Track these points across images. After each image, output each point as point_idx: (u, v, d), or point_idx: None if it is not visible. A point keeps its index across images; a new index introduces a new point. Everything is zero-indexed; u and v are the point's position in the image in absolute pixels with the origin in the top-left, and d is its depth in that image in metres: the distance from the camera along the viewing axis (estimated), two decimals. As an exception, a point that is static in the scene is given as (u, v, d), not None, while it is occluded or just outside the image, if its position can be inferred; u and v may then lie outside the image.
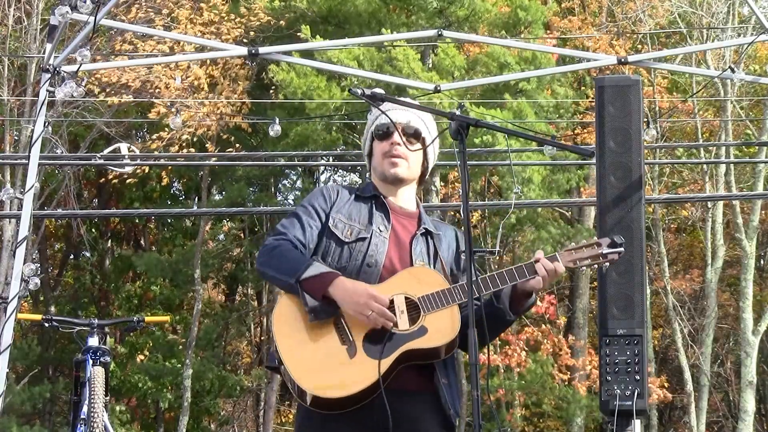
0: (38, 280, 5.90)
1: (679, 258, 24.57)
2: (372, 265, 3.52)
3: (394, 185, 3.68)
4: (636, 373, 5.13)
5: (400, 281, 3.48)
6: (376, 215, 3.62)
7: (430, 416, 3.47)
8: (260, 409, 24.37)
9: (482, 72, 17.30)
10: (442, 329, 3.40)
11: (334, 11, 18.64)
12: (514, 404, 20.12)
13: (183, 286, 22.13)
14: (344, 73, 14.59)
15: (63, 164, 16.57)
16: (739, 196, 19.70)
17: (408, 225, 3.66)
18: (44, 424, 21.29)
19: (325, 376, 3.39)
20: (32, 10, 18.64)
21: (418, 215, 3.71)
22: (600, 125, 5.39)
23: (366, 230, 3.58)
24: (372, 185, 3.72)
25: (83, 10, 5.85)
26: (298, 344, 3.44)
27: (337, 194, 3.67)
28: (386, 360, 3.36)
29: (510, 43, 15.28)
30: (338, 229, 3.58)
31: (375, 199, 3.67)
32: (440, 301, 3.43)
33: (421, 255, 3.59)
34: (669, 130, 21.94)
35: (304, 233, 3.58)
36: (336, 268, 3.51)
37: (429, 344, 3.40)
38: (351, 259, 3.54)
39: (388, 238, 3.58)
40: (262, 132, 20.86)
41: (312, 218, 3.61)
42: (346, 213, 3.62)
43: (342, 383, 3.37)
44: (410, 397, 3.45)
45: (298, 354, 3.43)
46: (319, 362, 3.40)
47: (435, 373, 3.48)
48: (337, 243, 3.57)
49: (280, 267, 3.50)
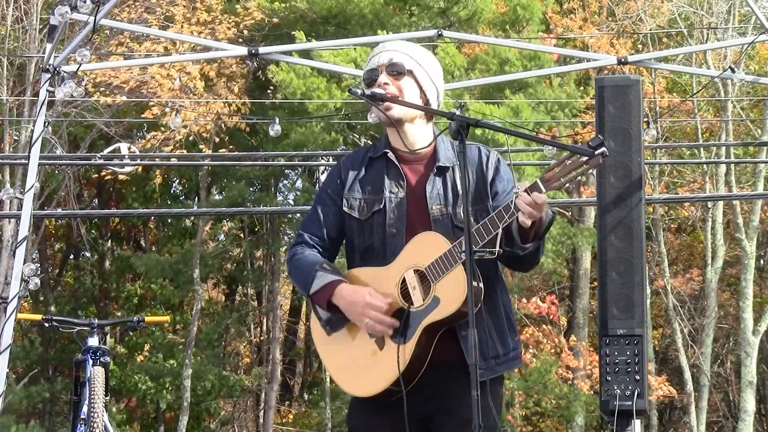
0: (38, 280, 5.89)
1: (679, 258, 24.57)
2: (393, 234, 3.50)
3: (399, 126, 3.57)
4: (636, 373, 5.13)
5: (409, 253, 3.44)
6: (387, 179, 3.56)
7: (458, 381, 3.41)
8: (260, 409, 24.36)
9: (482, 69, 17.29)
10: (452, 295, 3.36)
11: (334, 12, 18.63)
12: (514, 404, 20.13)
13: (183, 286, 22.12)
14: (344, 72, 14.57)
15: (63, 164, 16.58)
16: (739, 196, 19.71)
17: (420, 168, 3.58)
18: (44, 423, 21.29)
19: (361, 374, 3.47)
20: (31, 10, 18.63)
21: (432, 153, 3.59)
22: (600, 125, 5.38)
23: (379, 200, 3.54)
24: (384, 139, 3.66)
25: (83, 10, 5.84)
26: (334, 347, 3.54)
27: (347, 171, 3.62)
28: (410, 342, 3.37)
29: (510, 43, 15.28)
30: (354, 209, 3.57)
31: (385, 157, 3.60)
32: (444, 265, 3.38)
33: (438, 197, 3.51)
34: (669, 130, 21.94)
35: (320, 227, 3.60)
36: (364, 247, 3.54)
37: (445, 313, 3.37)
38: (373, 234, 3.54)
39: (405, 197, 3.53)
40: (262, 132, 20.86)
41: (326, 206, 3.62)
42: (358, 188, 3.58)
43: (376, 377, 3.42)
44: (444, 367, 3.44)
45: (335, 359, 3.55)
46: (353, 361, 3.49)
47: (457, 331, 3.44)
48: (357, 223, 3.56)
49: (297, 281, 3.62)
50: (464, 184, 3.28)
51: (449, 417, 3.47)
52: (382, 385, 3.42)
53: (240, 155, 17.74)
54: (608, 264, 5.24)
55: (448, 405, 3.47)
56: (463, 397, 3.25)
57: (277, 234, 23.30)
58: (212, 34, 18.22)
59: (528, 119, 16.60)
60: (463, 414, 3.39)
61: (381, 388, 3.42)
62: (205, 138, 19.66)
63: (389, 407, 3.44)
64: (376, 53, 3.64)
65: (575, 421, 19.73)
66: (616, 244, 5.25)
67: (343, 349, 3.52)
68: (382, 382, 3.42)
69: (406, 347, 3.37)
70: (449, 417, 3.47)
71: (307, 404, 25.58)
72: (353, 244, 3.59)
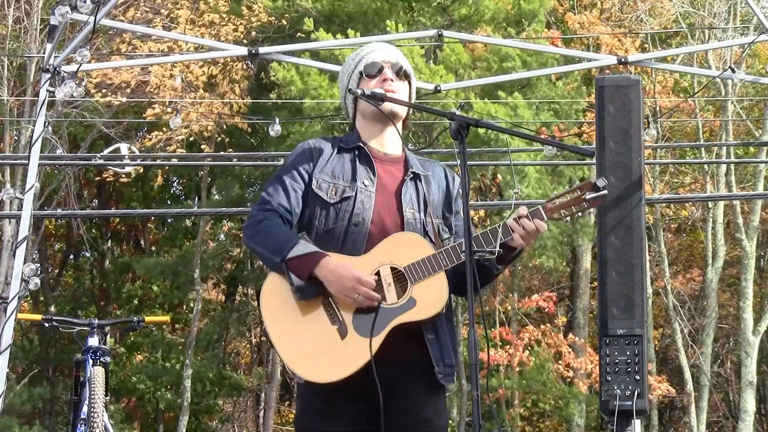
0: (38, 280, 5.89)
1: (680, 258, 24.57)
2: (358, 224, 3.47)
3: (389, 121, 3.57)
4: (636, 373, 5.13)
5: (386, 249, 3.41)
6: (360, 169, 3.54)
7: (419, 381, 3.43)
8: (260, 409, 24.38)
9: (483, 67, 17.28)
10: (431, 300, 3.35)
11: (337, 10, 18.63)
12: (514, 404, 20.13)
13: (183, 287, 22.12)
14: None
15: (63, 164, 16.57)
16: (740, 196, 19.71)
17: (395, 171, 3.59)
18: (44, 424, 21.29)
19: (318, 360, 3.35)
20: (32, 10, 18.63)
21: (404, 159, 3.62)
22: (600, 125, 5.39)
23: (351, 188, 3.50)
24: (356, 134, 3.65)
25: (83, 10, 5.84)
26: (288, 327, 3.40)
27: (319, 152, 3.58)
28: (378, 337, 3.32)
29: (511, 43, 15.27)
30: (322, 191, 3.51)
31: (358, 150, 3.59)
32: (426, 269, 3.37)
33: (411, 202, 3.53)
34: (670, 130, 21.94)
35: (288, 199, 3.51)
36: (324, 230, 3.48)
37: (419, 316, 3.35)
38: (338, 220, 3.48)
39: (375, 191, 3.52)
40: (262, 132, 20.86)
41: (296, 181, 3.54)
42: (329, 171, 3.54)
43: (335, 365, 3.33)
44: (403, 366, 3.41)
45: (288, 338, 3.39)
46: (310, 345, 3.36)
47: (422, 333, 3.43)
48: (323, 205, 3.50)
49: (266, 244, 3.44)
50: (464, 184, 3.30)
51: (407, 416, 3.44)
52: (341, 374, 3.33)
53: (240, 155, 17.74)
54: (608, 264, 5.24)
55: (407, 404, 3.44)
56: (423, 396, 3.28)
57: (277, 234, 23.26)
58: (217, 36, 18.21)
59: (529, 119, 16.58)
60: (422, 413, 3.41)
61: (339, 376, 3.33)
62: (206, 137, 19.65)
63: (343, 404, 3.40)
64: (376, 49, 3.68)
65: (575, 421, 19.73)
66: (616, 244, 5.25)
67: (299, 329, 3.38)
68: (343, 371, 3.33)
69: (373, 341, 3.31)
70: (407, 416, 3.44)
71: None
72: (312, 225, 3.51)
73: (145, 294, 23.87)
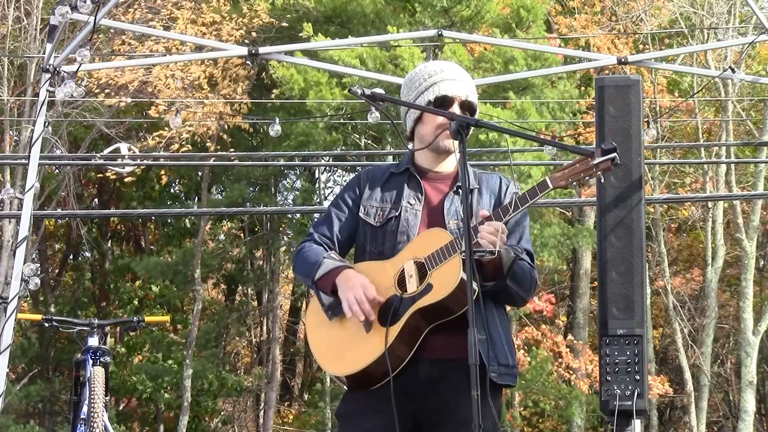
0: (38, 280, 5.90)
1: (679, 258, 24.57)
2: (402, 241, 3.57)
3: (443, 156, 3.67)
4: (636, 373, 5.12)
5: (414, 247, 3.52)
6: (407, 190, 3.64)
7: (467, 381, 3.31)
8: (260, 409, 24.37)
9: (485, 68, 17.28)
10: (445, 281, 3.41)
11: (338, 11, 18.62)
12: (514, 404, 20.13)
13: (183, 287, 22.11)
14: (346, 72, 14.56)
15: (63, 164, 16.57)
16: (740, 196, 19.70)
17: (442, 187, 3.67)
18: (44, 423, 21.29)
19: (343, 355, 3.49)
20: (32, 10, 18.62)
21: (454, 174, 3.66)
22: (600, 125, 5.38)
23: (395, 209, 3.62)
24: (410, 156, 3.72)
25: (83, 10, 5.84)
26: (324, 335, 3.58)
27: (369, 181, 3.71)
28: (395, 326, 3.41)
29: (510, 43, 15.25)
30: (370, 216, 3.65)
31: (408, 172, 3.69)
32: (442, 255, 3.43)
33: (456, 213, 3.58)
34: (669, 130, 21.93)
35: (330, 228, 3.68)
36: (376, 252, 3.60)
37: (434, 298, 3.41)
38: (385, 240, 3.60)
39: (422, 209, 3.61)
40: (262, 132, 20.85)
41: (341, 210, 3.70)
42: (378, 197, 3.67)
43: (357, 357, 3.45)
44: (453, 365, 3.43)
45: (323, 343, 3.59)
46: (342, 344, 3.52)
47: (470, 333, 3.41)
48: (371, 229, 3.64)
49: (302, 270, 3.65)
50: (464, 184, 3.31)
51: (447, 415, 3.47)
52: (362, 363, 3.44)
53: (240, 155, 17.74)
54: (608, 264, 5.23)
55: (449, 403, 3.47)
56: (466, 397, 3.25)
57: (277, 234, 23.29)
58: (218, 36, 18.20)
59: (531, 120, 16.57)
60: (463, 414, 3.38)
61: (360, 366, 3.45)
62: (209, 137, 19.63)
63: (381, 400, 3.43)
64: (447, 78, 3.65)
65: (575, 421, 19.73)
66: (616, 244, 5.24)
67: (331, 334, 3.56)
68: (363, 360, 3.44)
69: (392, 329, 3.40)
70: (447, 415, 3.47)
71: (306, 404, 25.57)
72: (365, 249, 3.65)
73: (145, 294, 23.86)
